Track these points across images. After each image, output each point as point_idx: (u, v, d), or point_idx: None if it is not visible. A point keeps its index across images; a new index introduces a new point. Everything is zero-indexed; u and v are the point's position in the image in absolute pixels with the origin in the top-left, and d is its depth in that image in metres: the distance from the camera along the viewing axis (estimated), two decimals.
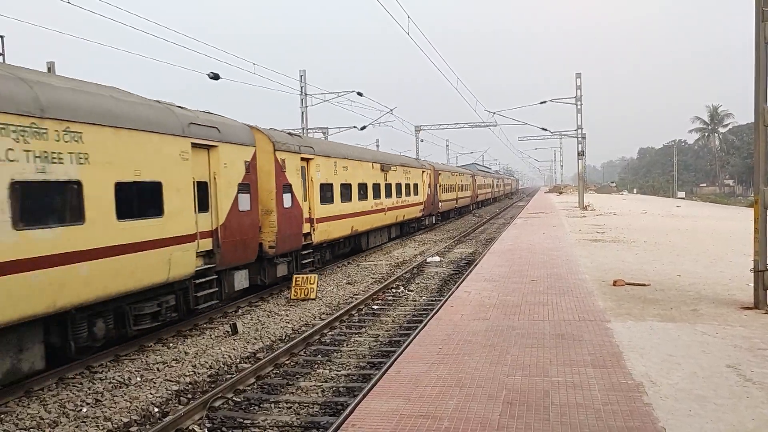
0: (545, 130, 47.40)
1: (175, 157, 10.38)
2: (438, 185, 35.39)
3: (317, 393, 7.94)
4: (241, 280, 12.81)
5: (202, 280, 11.14)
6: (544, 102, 40.30)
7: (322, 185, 17.33)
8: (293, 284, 13.94)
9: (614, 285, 11.43)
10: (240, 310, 12.84)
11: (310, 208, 16.48)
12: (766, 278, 9.18)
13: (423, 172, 31.35)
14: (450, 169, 43.23)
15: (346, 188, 19.28)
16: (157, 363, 9.17)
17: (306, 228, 16.10)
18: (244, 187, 12.66)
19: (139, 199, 9.51)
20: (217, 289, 11.66)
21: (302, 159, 16.12)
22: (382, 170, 23.78)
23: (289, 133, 16.49)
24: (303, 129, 29.71)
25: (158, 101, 10.89)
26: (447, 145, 78.54)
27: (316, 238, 16.81)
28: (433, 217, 35.00)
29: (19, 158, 7.41)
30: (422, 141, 53.35)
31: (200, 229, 11.01)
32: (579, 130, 40.56)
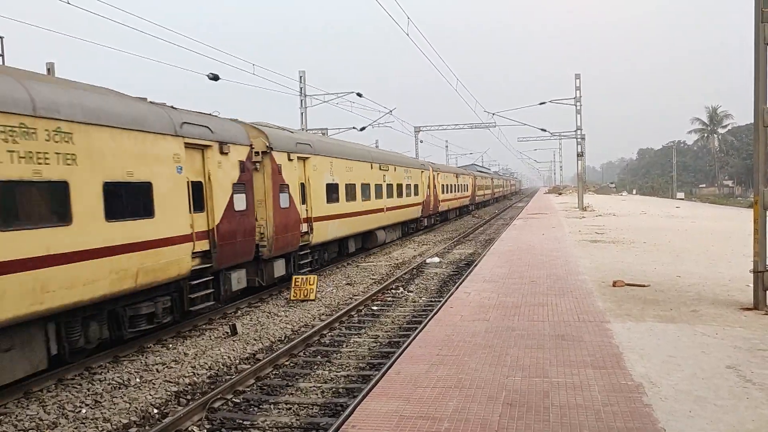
0: (544, 130, 47.40)
1: (420, 175, 30.51)
2: (476, 186, 54.99)
3: (317, 394, 7.93)
4: (425, 223, 32.33)
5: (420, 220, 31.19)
6: (544, 103, 40.31)
7: (442, 185, 37.21)
8: (292, 285, 13.93)
9: (614, 286, 11.43)
10: (239, 311, 12.83)
11: (437, 196, 35.45)
12: (765, 279, 9.17)
13: (469, 177, 51.19)
14: (482, 175, 64.89)
15: (444, 187, 38.38)
16: (157, 364, 9.16)
17: (438, 204, 35.60)
18: (427, 187, 31.79)
19: (413, 189, 28.74)
20: (424, 224, 32.03)
21: (438, 174, 35.73)
22: (456, 177, 43.92)
23: (432, 163, 37.76)
24: (302, 129, 29.67)
25: (416, 158, 41.33)
26: (446, 146, 78.55)
27: (440, 209, 36.81)
28: (473, 206, 53.79)
29: (392, 179, 26.01)
30: (422, 142, 53.46)
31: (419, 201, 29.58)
32: (578, 131, 40.56)
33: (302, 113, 30.42)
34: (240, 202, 12.34)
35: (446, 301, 11.00)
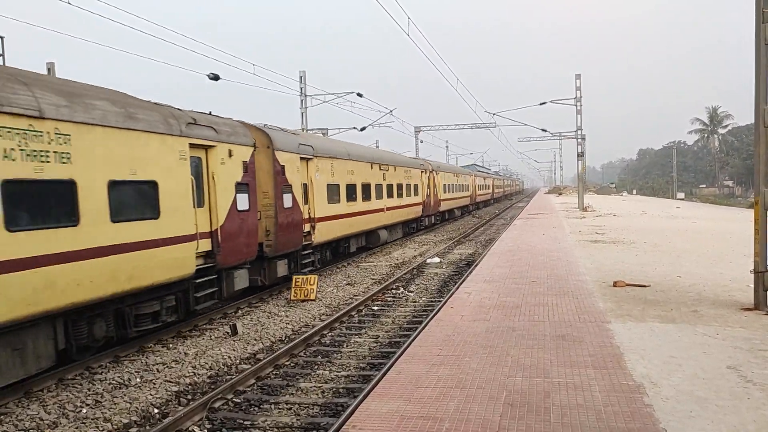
0: (545, 131, 47.39)
1: (467, 178, 49.37)
2: (494, 186, 73.67)
3: (317, 394, 7.93)
4: (470, 208, 52.02)
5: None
6: (544, 103, 40.31)
7: (478, 185, 55.90)
8: (293, 285, 13.92)
9: (614, 286, 11.43)
10: (240, 311, 12.83)
11: (477, 192, 54.45)
12: (766, 279, 9.17)
13: (492, 179, 71.35)
14: (502, 178, 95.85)
15: (480, 186, 56.99)
16: (157, 364, 9.16)
17: (476, 197, 54.62)
18: (471, 185, 50.70)
19: (466, 187, 47.80)
20: (470, 209, 51.75)
21: (476, 178, 54.60)
22: (485, 180, 61.76)
23: (474, 168, 71.05)
24: (303, 130, 29.69)
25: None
26: (447, 146, 78.66)
27: (478, 199, 55.80)
28: (493, 200, 73.31)
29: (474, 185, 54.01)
30: (422, 142, 53.52)
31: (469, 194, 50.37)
32: (579, 131, 40.56)
33: (302, 113, 30.43)
34: (428, 192, 31.41)
35: (447, 301, 11.00)
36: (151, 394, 7.91)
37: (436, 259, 20.24)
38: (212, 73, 20.87)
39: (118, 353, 9.52)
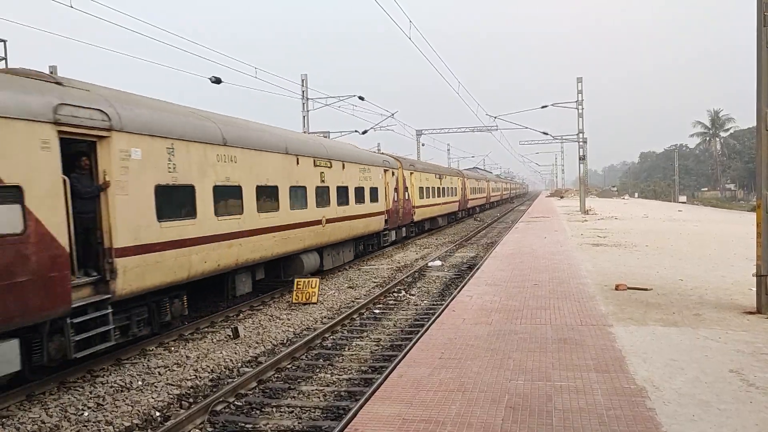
0: (546, 134, 47.43)
1: (494, 183, 67.91)
2: (510, 188, 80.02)
3: (319, 397, 7.93)
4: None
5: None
6: (545, 106, 40.31)
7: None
8: (295, 288, 13.93)
9: (616, 289, 11.41)
10: (241, 314, 12.84)
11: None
12: None
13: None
14: (490, 179, 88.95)
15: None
16: (159, 367, 9.16)
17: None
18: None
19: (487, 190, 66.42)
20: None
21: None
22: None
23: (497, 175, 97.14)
24: (304, 133, 29.71)
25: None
26: (448, 150, 78.76)
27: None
28: (510, 198, 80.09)
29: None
30: (423, 145, 53.53)
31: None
32: (580, 135, 40.56)
33: (304, 116, 30.46)
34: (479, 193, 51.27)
35: (448, 304, 10.98)
36: (152, 397, 7.92)
37: (438, 263, 20.24)
38: (214, 77, 20.91)
39: (119, 356, 9.54)
